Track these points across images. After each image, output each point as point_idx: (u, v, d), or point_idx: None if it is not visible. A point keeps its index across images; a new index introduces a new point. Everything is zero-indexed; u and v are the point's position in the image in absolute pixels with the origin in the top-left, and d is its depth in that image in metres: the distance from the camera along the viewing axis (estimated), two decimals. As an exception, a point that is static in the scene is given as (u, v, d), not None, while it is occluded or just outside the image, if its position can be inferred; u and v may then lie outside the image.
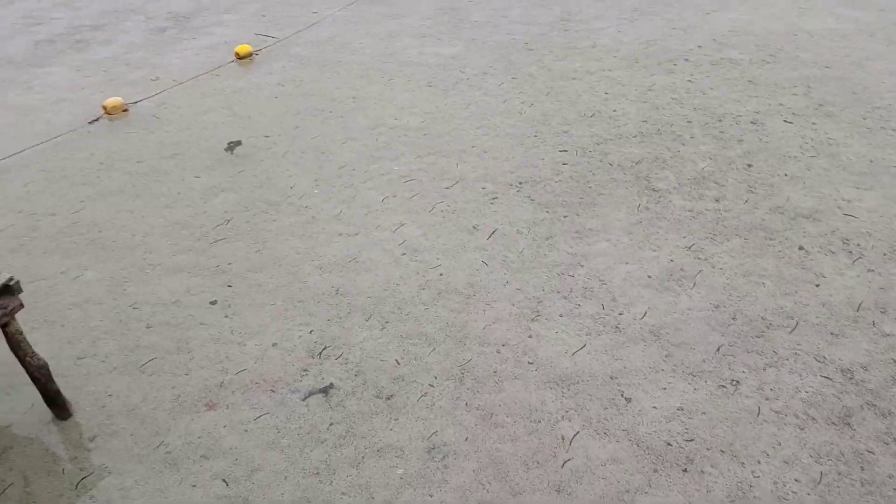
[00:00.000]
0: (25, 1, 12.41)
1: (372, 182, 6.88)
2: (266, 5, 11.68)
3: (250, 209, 6.58)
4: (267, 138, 7.82)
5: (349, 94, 8.73)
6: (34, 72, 9.62)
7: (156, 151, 7.63)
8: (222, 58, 9.82)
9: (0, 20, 11.41)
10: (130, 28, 11.00)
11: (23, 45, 10.48)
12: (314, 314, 5.23)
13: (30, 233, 6.36)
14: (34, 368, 4.32)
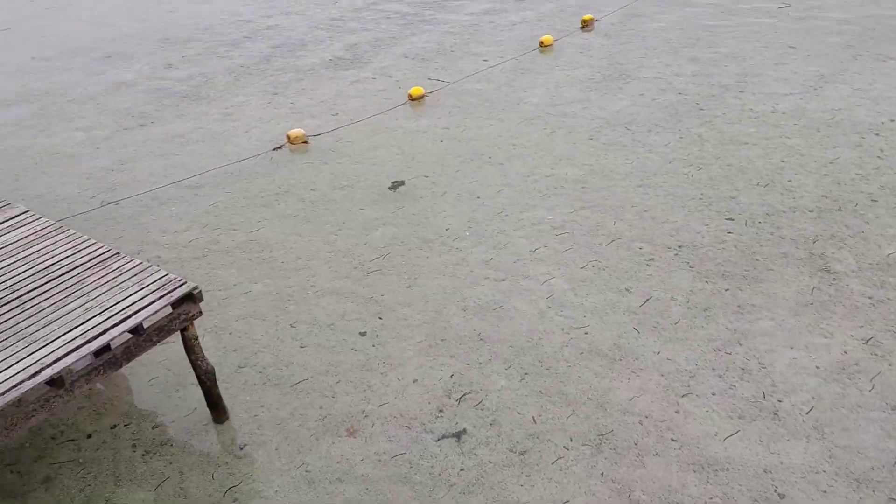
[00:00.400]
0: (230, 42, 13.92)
1: (524, 231, 6.92)
2: (441, 51, 12.25)
3: (405, 244, 6.84)
4: (427, 178, 8.13)
5: (510, 142, 8.89)
6: (232, 100, 10.71)
7: (328, 182, 8.18)
8: (396, 99, 10.39)
9: (208, 55, 12.86)
10: (317, 66, 11.97)
11: (226, 77, 11.72)
12: (455, 356, 5.30)
13: (211, 245, 7.01)
14: (202, 372, 4.72)
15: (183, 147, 9.25)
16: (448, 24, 13.60)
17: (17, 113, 10.56)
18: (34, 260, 4.87)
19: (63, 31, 14.49)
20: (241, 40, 13.34)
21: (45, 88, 11.47)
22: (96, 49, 13.25)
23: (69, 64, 12.55)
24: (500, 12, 14.15)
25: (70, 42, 13.74)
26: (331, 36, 13.32)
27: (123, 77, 11.82)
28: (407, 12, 14.42)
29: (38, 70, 12.35)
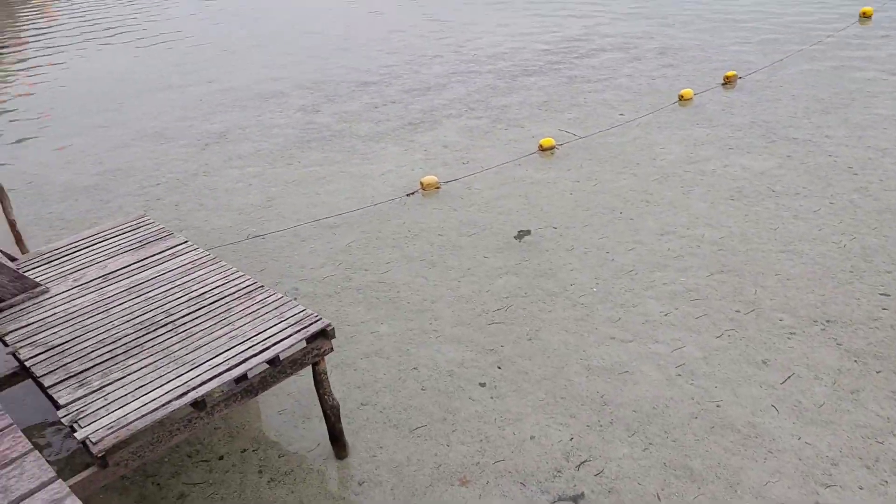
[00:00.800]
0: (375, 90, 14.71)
1: (654, 291, 6.70)
2: (574, 103, 12.30)
3: (529, 296, 6.81)
4: (555, 230, 8.10)
5: (642, 197, 8.70)
6: (372, 145, 11.27)
7: (456, 228, 8.35)
8: (527, 149, 10.51)
9: (353, 102, 13.66)
10: (453, 115, 12.37)
11: (368, 123, 12.38)
12: (575, 416, 5.17)
13: (344, 283, 7.33)
14: (328, 407, 4.90)
15: (324, 187, 9.81)
16: (583, 76, 13.65)
17: (183, 149, 11.66)
18: (189, 287, 5.30)
19: (228, 74, 15.93)
20: (384, 89, 14.06)
21: (207, 129, 12.61)
22: (256, 92, 14.44)
23: (231, 105, 13.75)
24: (637, 64, 14.04)
25: (234, 85, 15.07)
26: (466, 86, 13.74)
27: (277, 120, 12.77)
28: (542, 63, 14.63)
29: (202, 110, 13.61)
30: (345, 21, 20.52)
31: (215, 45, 19.05)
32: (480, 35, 17.46)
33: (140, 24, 22.92)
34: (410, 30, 18.68)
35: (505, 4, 20.65)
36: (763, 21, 16.68)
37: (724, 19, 17.17)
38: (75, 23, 24.16)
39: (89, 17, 25.08)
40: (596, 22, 17.74)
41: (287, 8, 23.40)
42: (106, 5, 27.28)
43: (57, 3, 29.53)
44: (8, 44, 21.59)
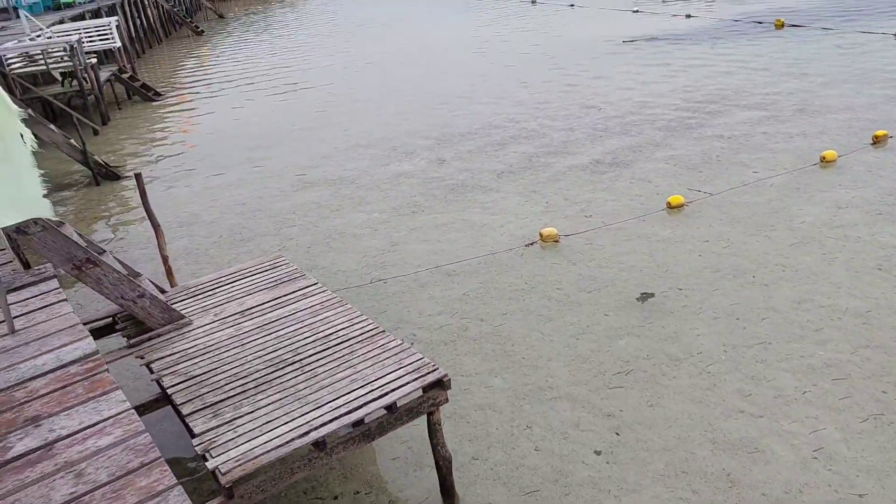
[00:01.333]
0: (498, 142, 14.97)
1: (789, 364, 6.26)
2: (706, 160, 11.91)
3: (651, 359, 6.56)
4: (680, 291, 7.79)
5: (777, 262, 8.21)
6: (493, 195, 11.42)
7: (574, 282, 8.24)
8: (652, 205, 10.25)
9: (477, 153, 13.96)
10: (576, 167, 12.33)
11: (490, 173, 12.59)
12: (698, 492, 4.87)
13: (460, 332, 7.39)
14: (440, 457, 4.91)
15: (445, 235, 10.02)
16: (715, 133, 13.21)
17: (318, 194, 12.35)
18: (317, 328, 5.55)
19: (361, 122, 16.79)
20: (509, 140, 14.27)
21: (340, 175, 13.29)
22: (386, 140, 15.11)
23: (362, 152, 14.45)
24: (775, 122, 13.42)
25: (366, 132, 15.86)
26: (592, 140, 13.67)
27: (403, 168, 13.27)
28: (672, 118, 14.32)
29: (336, 157, 14.39)
30: (476, 72, 21.13)
31: (351, 93, 20.18)
32: (609, 89, 17.39)
33: (284, 74, 24.72)
34: (539, 83, 18.94)
35: (634, 59, 20.51)
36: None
37: (870, 75, 16.12)
38: (229, 72, 26.45)
39: (240, 67, 27.38)
40: (730, 77, 17.20)
41: (420, 59, 24.45)
42: (254, 56, 29.70)
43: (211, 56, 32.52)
44: (170, 91, 23.96)
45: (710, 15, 26.10)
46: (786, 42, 20.01)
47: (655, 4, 30.74)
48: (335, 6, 50.33)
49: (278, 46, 32.45)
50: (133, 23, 34.12)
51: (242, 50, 32.80)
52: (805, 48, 18.97)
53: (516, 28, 29.27)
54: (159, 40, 38.92)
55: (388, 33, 32.72)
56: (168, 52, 35.46)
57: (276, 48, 31.97)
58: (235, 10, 57.58)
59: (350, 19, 40.45)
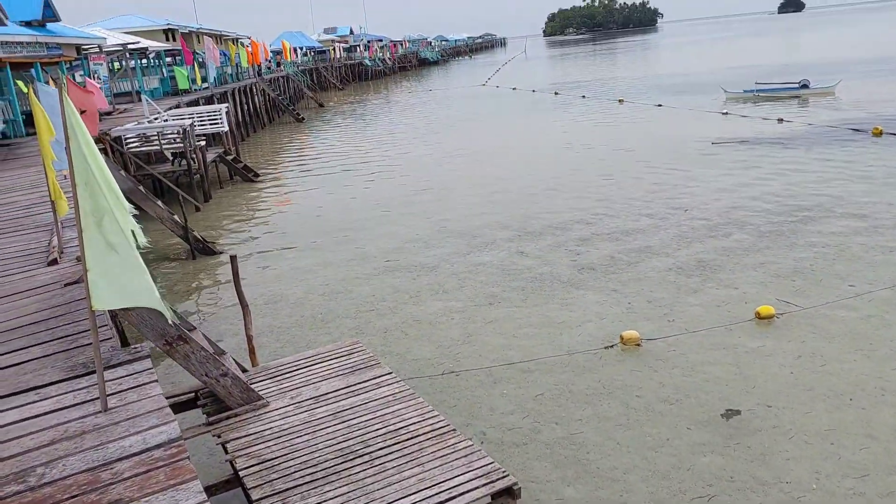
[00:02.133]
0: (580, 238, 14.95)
1: (891, 500, 5.71)
2: (797, 270, 11.44)
3: (736, 482, 6.15)
4: (769, 409, 7.35)
5: (878, 385, 7.66)
6: (573, 292, 11.31)
7: (655, 391, 7.92)
8: (739, 314, 9.86)
9: (557, 248, 13.97)
10: (661, 269, 12.10)
11: (570, 269, 12.52)
12: None
13: (533, 435, 7.19)
14: (505, 571, 4.69)
15: (521, 330, 9.94)
16: (809, 241, 12.73)
17: (399, 279, 12.60)
18: (388, 420, 5.53)
19: (445, 211, 17.20)
20: (591, 237, 14.23)
21: (421, 261, 13.55)
22: (468, 229, 15.37)
23: (444, 240, 14.73)
24: (874, 233, 12.82)
25: (449, 221, 16.20)
26: (678, 240, 13.44)
27: (483, 259, 13.40)
28: (763, 223, 13.93)
29: (419, 243, 14.72)
30: (561, 167, 21.42)
31: (439, 182, 20.81)
32: (697, 189, 17.19)
33: (375, 160, 25.84)
34: (625, 180, 18.96)
35: (723, 161, 20.29)
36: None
37: (984, 188, 15.27)
38: (324, 157, 27.91)
39: (335, 153, 28.85)
40: (825, 184, 16.69)
41: (507, 153, 25.05)
42: (349, 143, 31.28)
43: (309, 141, 34.48)
44: (269, 172, 25.44)
45: (803, 120, 25.70)
46: (886, 151, 19.36)
47: (745, 107, 30.60)
48: (424, 101, 52.75)
49: (371, 135, 34.12)
50: (241, 108, 36.84)
51: (338, 137, 34.67)
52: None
53: (603, 125, 29.70)
54: (263, 125, 41.73)
55: (477, 128, 33.87)
56: (270, 137, 37.89)
57: (369, 136, 33.62)
58: (335, 99, 61.32)
59: (438, 114, 42.22)
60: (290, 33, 78.84)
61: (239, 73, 46.74)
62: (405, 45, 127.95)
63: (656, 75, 54.72)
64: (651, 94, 40.44)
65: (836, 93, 31.75)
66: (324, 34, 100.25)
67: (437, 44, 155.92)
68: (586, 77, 60.51)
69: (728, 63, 58.97)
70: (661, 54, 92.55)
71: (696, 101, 33.88)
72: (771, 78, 37.29)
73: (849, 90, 32.11)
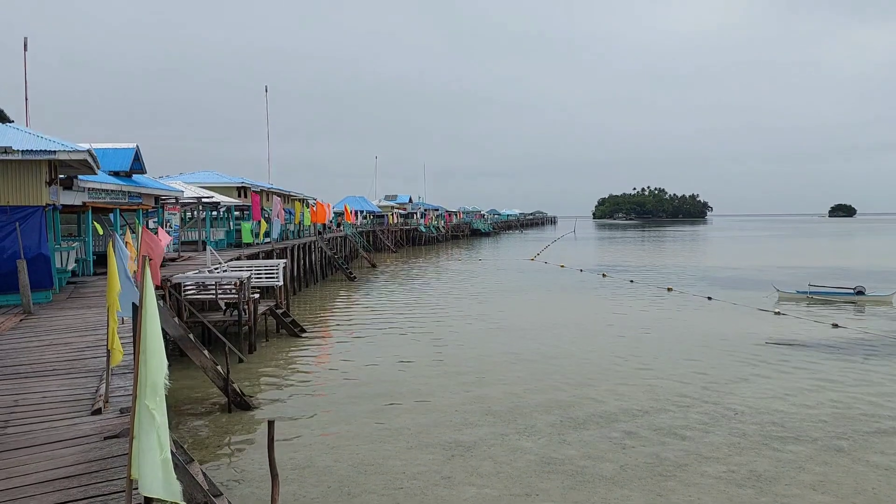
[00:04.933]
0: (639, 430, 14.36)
1: None
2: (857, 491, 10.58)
3: None
4: None
5: None
6: (616, 493, 10.64)
7: None
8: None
9: (602, 440, 13.39)
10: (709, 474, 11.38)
11: (613, 464, 11.91)
12: None
13: None
14: None
15: (558, 531, 9.26)
16: (871, 461, 11.86)
17: (430, 455, 12.14)
18: None
19: (485, 386, 16.89)
20: (636, 431, 13.60)
21: (457, 438, 13.12)
22: (507, 412, 14.95)
23: (482, 418, 14.33)
24: (945, 461, 11.91)
25: (488, 397, 15.84)
26: (729, 446, 12.73)
27: (522, 442, 12.90)
28: (819, 436, 13.14)
29: (455, 419, 14.33)
30: (607, 354, 21.11)
31: (481, 355, 20.66)
32: (749, 391, 16.54)
33: (421, 324, 26.02)
34: (673, 375, 18.47)
35: (777, 363, 19.70)
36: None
37: None
38: (372, 317, 28.29)
39: (383, 314, 29.26)
40: (887, 398, 15.88)
41: (551, 333, 24.93)
42: (397, 305, 31.78)
43: (359, 300, 35.20)
44: (316, 329, 25.80)
45: (859, 327, 25.10)
46: (950, 368, 18.53)
47: (799, 308, 30.21)
48: (473, 270, 54.00)
49: (418, 300, 34.71)
50: (298, 263, 38.31)
51: (386, 298, 35.37)
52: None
53: (651, 312, 29.56)
54: (315, 280, 43.07)
55: (523, 302, 34.16)
56: (321, 292, 38.94)
57: (416, 301, 34.19)
58: (387, 261, 63.41)
59: (486, 284, 42.94)
60: (352, 197, 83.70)
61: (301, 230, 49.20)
62: (459, 215, 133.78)
63: (706, 266, 55.14)
64: (700, 284, 40.52)
65: (894, 302, 31.21)
66: (384, 200, 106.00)
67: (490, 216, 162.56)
68: (634, 261, 61.40)
69: (778, 262, 59.24)
70: (710, 246, 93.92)
71: (746, 297, 33.69)
72: (823, 280, 37.12)
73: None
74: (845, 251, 79.34)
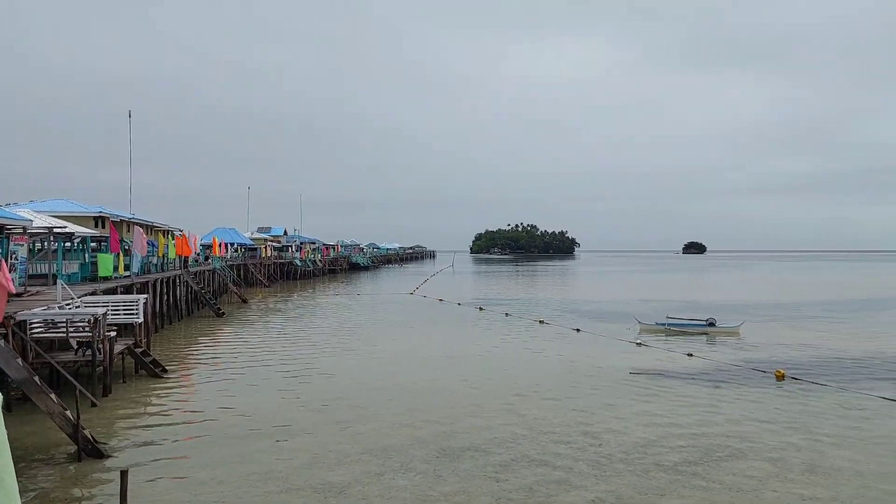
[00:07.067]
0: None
1: None
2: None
3: None
4: None
5: None
6: (489, 527, 10.64)
7: None
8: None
9: (476, 471, 13.42)
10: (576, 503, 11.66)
11: (490, 497, 11.92)
12: None
13: None
14: None
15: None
16: (724, 484, 12.67)
17: (302, 499, 11.61)
18: None
19: (361, 421, 16.49)
20: (510, 463, 13.73)
21: (329, 480, 12.65)
22: (381, 450, 14.64)
23: (357, 456, 13.94)
24: (785, 481, 12.94)
25: (361, 437, 15.46)
26: (597, 476, 13.15)
27: (398, 480, 12.64)
28: (678, 461, 13.90)
29: (329, 458, 13.85)
30: (482, 382, 21.30)
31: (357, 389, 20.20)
32: (613, 419, 17.24)
33: (292, 362, 25.15)
34: (545, 402, 18.94)
35: (639, 392, 20.75)
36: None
37: (876, 442, 15.93)
38: (239, 355, 27.00)
39: (251, 351, 28.03)
40: (736, 425, 17.09)
41: (428, 360, 24.90)
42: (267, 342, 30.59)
43: (225, 337, 33.59)
44: (178, 368, 24.23)
45: (712, 357, 27.05)
46: (788, 394, 20.30)
47: (658, 339, 32.15)
48: (350, 305, 53.31)
49: (291, 334, 33.64)
50: (160, 299, 36.03)
51: (257, 334, 33.98)
52: (809, 403, 19.13)
53: (523, 344, 30.36)
54: (180, 317, 40.68)
55: (401, 336, 34.03)
56: (185, 330, 36.79)
57: (288, 336, 33.12)
58: (259, 295, 61.20)
59: (363, 318, 42.49)
60: (223, 229, 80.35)
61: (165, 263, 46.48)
62: (338, 248, 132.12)
63: (574, 299, 57.72)
64: (570, 317, 42.28)
65: (741, 333, 33.96)
66: (258, 232, 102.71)
67: (369, 250, 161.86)
68: (509, 295, 63.19)
69: (639, 295, 63.11)
70: (578, 280, 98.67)
71: (611, 329, 35.48)
72: (679, 313, 39.86)
73: (751, 332, 34.46)
74: (698, 285, 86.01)
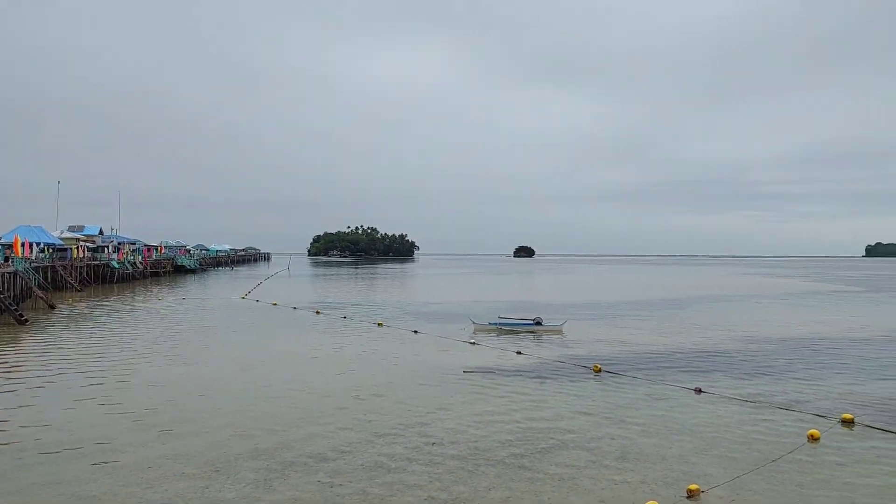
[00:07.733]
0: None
1: None
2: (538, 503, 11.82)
3: None
4: None
5: None
6: (321, 535, 10.36)
7: None
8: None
9: (306, 479, 13.05)
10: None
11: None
12: None
13: None
14: None
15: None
16: (548, 473, 13.36)
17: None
18: None
19: (187, 436, 15.42)
20: (344, 471, 13.51)
21: (148, 497, 11.67)
22: (206, 463, 13.78)
23: (179, 472, 12.99)
24: (600, 467, 13.91)
25: (184, 447, 14.47)
26: (430, 475, 13.31)
27: (225, 493, 11.95)
28: (507, 455, 14.46)
29: (147, 475, 12.80)
30: (316, 386, 20.81)
31: (175, 398, 18.90)
32: (447, 418, 17.59)
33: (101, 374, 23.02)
34: (381, 404, 18.88)
35: (471, 390, 21.35)
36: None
37: (678, 427, 17.64)
38: (40, 367, 24.25)
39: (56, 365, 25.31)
40: (560, 417, 18.13)
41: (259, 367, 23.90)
42: (74, 353, 27.79)
43: (29, 347, 30.10)
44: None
45: (538, 354, 28.57)
46: (605, 387, 21.92)
47: (490, 338, 33.40)
48: (174, 310, 50.17)
49: (105, 343, 30.86)
50: (-54, 304, 31.47)
51: (66, 344, 30.73)
52: (622, 395, 20.78)
53: (361, 347, 30.17)
54: (-28, 324, 35.83)
55: (228, 344, 32.50)
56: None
57: (102, 344, 30.34)
58: (70, 300, 55.57)
59: (186, 325, 40.11)
60: (27, 227, 72.00)
61: (-47, 263, 40.70)
62: (161, 250, 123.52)
63: (413, 301, 58.45)
64: (408, 318, 42.72)
65: (564, 331, 36.22)
66: (68, 231, 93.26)
67: (197, 252, 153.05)
68: (348, 297, 62.60)
69: (474, 296, 65.34)
70: (417, 282, 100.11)
71: (447, 329, 36.35)
72: (510, 313, 41.71)
73: (573, 330, 36.87)
74: (528, 287, 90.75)
